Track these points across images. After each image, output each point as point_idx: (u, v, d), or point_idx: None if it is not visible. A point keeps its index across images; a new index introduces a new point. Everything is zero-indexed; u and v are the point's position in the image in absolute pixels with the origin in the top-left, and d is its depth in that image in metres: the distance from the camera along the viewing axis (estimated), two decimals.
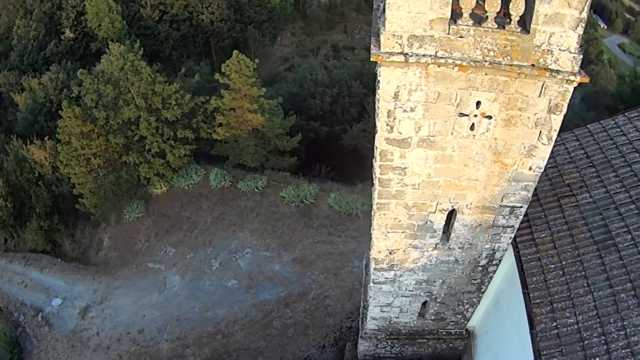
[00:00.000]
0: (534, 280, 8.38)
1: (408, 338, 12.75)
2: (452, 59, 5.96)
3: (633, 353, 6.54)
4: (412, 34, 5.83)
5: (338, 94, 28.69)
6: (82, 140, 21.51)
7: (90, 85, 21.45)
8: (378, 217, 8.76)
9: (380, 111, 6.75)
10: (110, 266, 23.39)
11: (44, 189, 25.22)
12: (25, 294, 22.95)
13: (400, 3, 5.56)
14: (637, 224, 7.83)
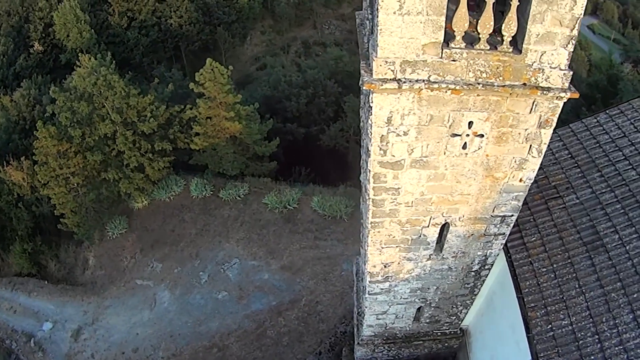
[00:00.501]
0: (527, 285, 8.60)
1: (404, 341, 12.92)
2: (446, 82, 5.98)
3: (626, 350, 6.83)
4: (404, 59, 5.80)
5: (313, 95, 28.59)
6: (59, 159, 20.98)
7: (63, 103, 20.86)
8: (372, 235, 8.79)
9: (374, 136, 6.72)
10: (98, 285, 22.91)
11: (24, 211, 24.58)
12: (15, 320, 22.39)
13: (392, 29, 5.49)
14: (624, 224, 8.12)
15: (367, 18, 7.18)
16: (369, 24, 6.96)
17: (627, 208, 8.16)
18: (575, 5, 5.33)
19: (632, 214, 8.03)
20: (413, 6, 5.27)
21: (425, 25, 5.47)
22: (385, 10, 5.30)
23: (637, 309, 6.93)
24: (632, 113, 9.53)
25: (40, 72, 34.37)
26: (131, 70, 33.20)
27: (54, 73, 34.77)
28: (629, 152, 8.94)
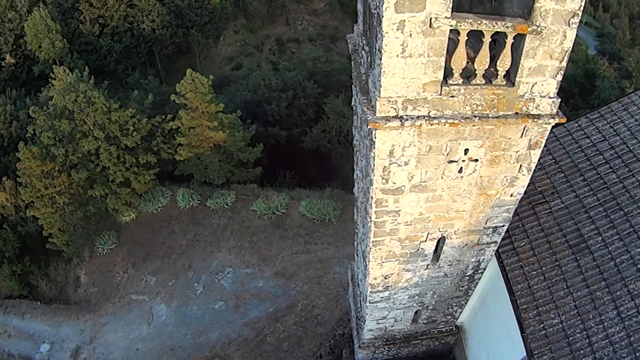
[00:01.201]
0: (519, 288, 9.19)
1: (403, 341, 13.50)
2: (444, 117, 6.39)
3: (611, 342, 7.49)
4: (406, 97, 6.17)
5: (293, 97, 28.73)
6: (44, 180, 20.63)
7: (44, 122, 20.46)
8: (374, 252, 9.20)
9: (376, 167, 7.10)
10: (92, 303, 22.63)
11: (9, 232, 24.12)
12: (10, 344, 21.92)
13: (395, 70, 5.83)
14: (606, 226, 8.76)
15: (363, 48, 7.49)
16: (365, 55, 7.27)
17: (609, 211, 8.80)
18: (565, 40, 5.78)
19: (613, 216, 8.67)
20: (415, 49, 5.62)
21: (426, 66, 5.85)
22: (388, 53, 5.63)
23: (621, 305, 7.59)
24: (611, 117, 10.17)
25: (14, 85, 33.47)
26: (106, 78, 32.67)
27: (28, 85, 33.94)
28: (609, 156, 9.57)
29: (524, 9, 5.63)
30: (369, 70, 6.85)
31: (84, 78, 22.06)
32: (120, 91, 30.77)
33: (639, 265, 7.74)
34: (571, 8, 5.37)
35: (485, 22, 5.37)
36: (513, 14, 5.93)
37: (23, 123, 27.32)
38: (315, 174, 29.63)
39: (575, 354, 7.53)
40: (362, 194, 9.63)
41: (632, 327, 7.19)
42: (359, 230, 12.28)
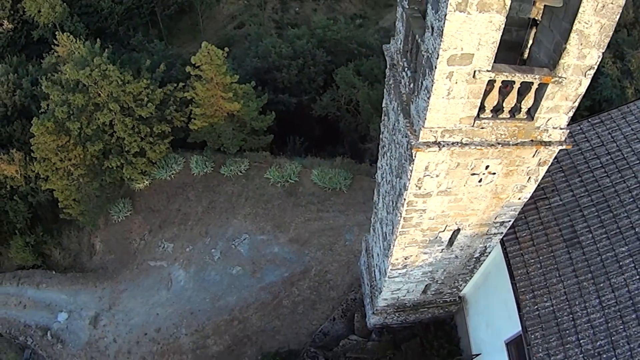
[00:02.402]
0: (519, 273, 10.68)
1: (412, 309, 15.29)
2: (474, 144, 7.56)
3: (592, 326, 9.10)
4: (445, 128, 7.31)
5: (303, 65, 29.09)
6: (59, 154, 20.94)
7: (58, 98, 20.66)
8: (399, 239, 10.60)
9: (412, 178, 8.31)
10: (109, 270, 23.19)
11: (20, 203, 24.14)
12: (26, 314, 21.95)
13: (439, 108, 6.94)
14: (597, 225, 10.16)
15: (404, 69, 8.44)
16: (407, 79, 8.22)
17: (600, 211, 10.16)
18: (580, 87, 6.86)
19: (603, 217, 10.05)
20: (458, 93, 6.70)
21: (464, 105, 6.94)
22: (436, 96, 6.70)
23: (603, 296, 9.13)
24: (610, 123, 11.29)
25: (13, 51, 32.91)
26: (107, 40, 32.40)
27: (27, 50, 33.48)
28: (605, 161, 10.80)
29: (550, 60, 6.68)
30: (411, 96, 7.89)
31: (96, 50, 22.18)
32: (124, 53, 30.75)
33: (621, 262, 9.19)
34: (590, 63, 6.43)
35: (518, 74, 6.43)
36: (539, 60, 6.97)
37: (27, 91, 27.16)
38: (323, 140, 30.60)
39: (562, 333, 9.15)
40: (390, 186, 10.86)
41: (611, 315, 8.75)
42: (378, 211, 13.65)
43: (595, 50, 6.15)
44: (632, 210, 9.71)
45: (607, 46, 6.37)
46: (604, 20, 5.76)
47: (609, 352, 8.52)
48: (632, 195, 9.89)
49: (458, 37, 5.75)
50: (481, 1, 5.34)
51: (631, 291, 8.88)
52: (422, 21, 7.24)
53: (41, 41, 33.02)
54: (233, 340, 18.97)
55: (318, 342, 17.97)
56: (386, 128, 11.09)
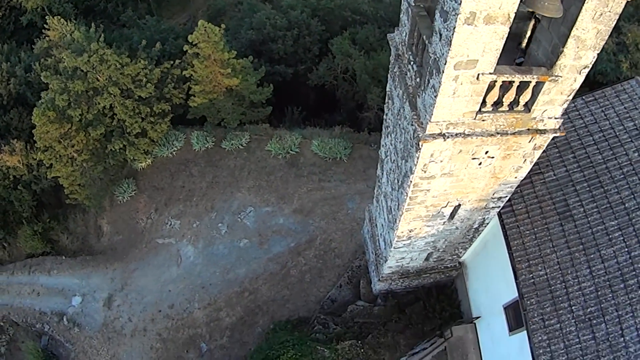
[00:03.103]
0: (515, 243, 11.51)
1: (415, 275, 16.31)
2: (475, 134, 8.13)
3: (583, 294, 10.02)
4: (449, 122, 7.86)
5: (298, 35, 28.84)
6: (62, 141, 21.05)
7: (57, 87, 20.54)
8: (405, 215, 11.34)
9: (419, 163, 8.92)
10: (118, 251, 23.49)
11: (24, 192, 24.06)
12: (40, 302, 22.17)
13: (445, 105, 7.47)
14: (588, 199, 10.90)
15: (409, 62, 8.82)
16: (413, 72, 8.59)
17: (592, 187, 10.87)
18: (574, 83, 7.38)
19: (595, 192, 10.77)
20: (463, 92, 7.20)
21: (468, 102, 7.46)
22: (442, 95, 7.20)
23: (593, 266, 10.00)
24: (604, 101, 11.80)
25: (2, 39, 31.96)
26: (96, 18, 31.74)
27: (17, 35, 32.60)
28: (598, 138, 11.40)
29: (547, 60, 7.15)
30: (418, 90, 8.35)
31: (90, 34, 21.89)
32: (112, 30, 30.18)
33: (610, 235, 10.00)
34: (585, 63, 6.91)
35: (518, 75, 6.92)
36: (538, 58, 7.43)
37: (21, 79, 26.65)
38: (320, 109, 30.82)
39: (555, 300, 10.09)
40: (395, 165, 11.46)
41: (600, 284, 9.65)
42: (382, 185, 14.31)
43: (591, 52, 6.62)
44: (622, 186, 10.42)
45: None
46: (601, 27, 6.20)
47: (599, 319, 9.47)
48: (622, 172, 10.57)
49: (465, 46, 6.19)
50: (487, 15, 5.75)
51: (620, 262, 9.74)
52: (428, 21, 7.61)
53: (30, 26, 32.21)
54: (245, 311, 20.02)
55: (326, 308, 19.13)
56: (390, 111, 11.55)
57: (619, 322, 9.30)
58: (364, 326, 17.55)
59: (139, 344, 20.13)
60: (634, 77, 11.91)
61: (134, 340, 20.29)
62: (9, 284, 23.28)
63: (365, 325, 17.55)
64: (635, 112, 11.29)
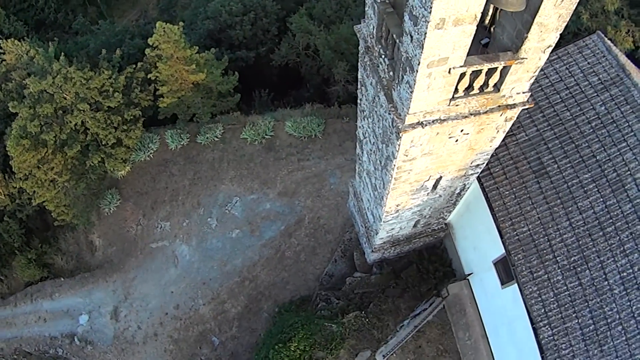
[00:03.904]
0: (497, 204, 12.22)
1: (405, 241, 17.11)
2: (450, 118, 8.59)
3: (566, 245, 10.89)
4: (426, 111, 8.27)
5: (255, 18, 28.30)
6: (41, 167, 20.79)
7: (27, 114, 20.01)
8: (391, 193, 11.89)
9: (400, 150, 9.37)
10: (115, 262, 23.53)
11: (11, 222, 24.05)
12: (49, 327, 22.24)
13: (420, 98, 7.87)
14: (561, 156, 11.61)
15: (380, 56, 9.07)
16: (386, 66, 8.84)
17: (563, 143, 11.56)
18: (539, 60, 7.83)
19: (566, 148, 11.47)
20: (436, 85, 7.58)
21: (441, 92, 7.86)
22: (418, 90, 7.57)
23: (572, 218, 10.84)
24: (567, 59, 12.30)
25: None
26: (49, 31, 30.40)
27: None
28: (564, 96, 11.99)
29: (512, 44, 7.55)
30: (392, 83, 8.67)
31: (49, 54, 21.07)
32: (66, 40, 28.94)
33: (585, 188, 10.80)
34: (548, 43, 7.34)
35: (486, 64, 7.31)
36: (503, 41, 7.81)
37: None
38: (287, 87, 30.73)
39: (540, 253, 10.95)
40: (375, 147, 11.87)
41: (581, 234, 10.51)
42: (363, 163, 14.74)
43: (554, 33, 7.03)
44: (592, 140, 11.14)
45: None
46: (563, 11, 6.58)
47: (583, 266, 10.39)
48: (591, 126, 11.27)
49: (436, 47, 6.52)
50: (456, 18, 6.06)
51: (596, 212, 10.58)
52: (396, 18, 7.85)
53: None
54: (248, 299, 20.62)
55: (325, 284, 19.91)
56: (364, 97, 11.83)
57: (601, 267, 10.23)
58: (364, 296, 18.43)
59: (152, 349, 20.57)
60: (595, 32, 12.40)
61: (147, 346, 20.71)
62: (14, 316, 23.17)
63: (366, 295, 18.43)
64: (598, 66, 11.85)
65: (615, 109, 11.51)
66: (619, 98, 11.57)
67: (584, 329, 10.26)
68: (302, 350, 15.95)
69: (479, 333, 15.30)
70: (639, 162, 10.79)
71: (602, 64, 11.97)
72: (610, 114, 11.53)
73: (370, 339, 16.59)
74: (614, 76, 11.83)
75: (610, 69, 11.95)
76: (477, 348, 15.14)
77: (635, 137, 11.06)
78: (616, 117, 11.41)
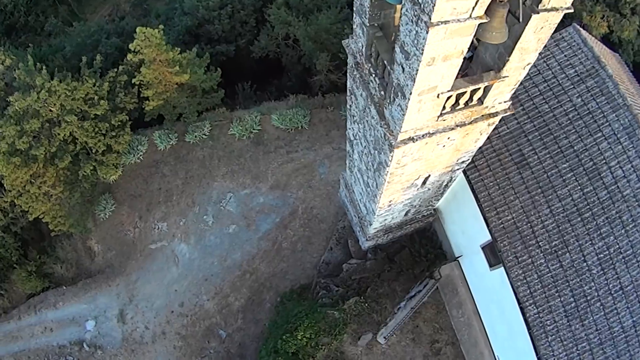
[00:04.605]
0: (482, 195, 13.12)
1: (397, 228, 18.05)
2: (438, 132, 9.30)
3: (547, 230, 11.89)
4: (417, 128, 8.96)
5: (232, 11, 28.10)
6: (34, 182, 20.73)
7: (14, 131, 19.80)
8: (384, 192, 12.64)
9: (393, 161, 10.07)
10: (115, 266, 23.61)
11: (6, 237, 23.89)
12: (56, 336, 22.34)
13: (412, 119, 8.53)
14: (540, 147, 12.47)
15: (371, 74, 9.59)
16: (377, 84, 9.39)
17: (543, 135, 12.40)
18: (520, 76, 8.53)
19: (545, 139, 12.31)
20: (426, 107, 8.23)
21: (430, 112, 8.52)
22: (410, 113, 8.22)
23: (552, 205, 11.80)
24: (545, 51, 12.86)
25: None
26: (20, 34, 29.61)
27: None
28: (543, 89, 12.73)
29: (494, 64, 8.21)
30: (383, 102, 9.27)
31: (29, 67, 20.70)
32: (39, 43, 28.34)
33: (564, 177, 11.70)
34: (528, 61, 8.03)
35: (472, 86, 7.99)
36: (485, 60, 8.46)
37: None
38: (269, 78, 30.87)
39: (524, 239, 11.94)
40: (367, 150, 12.47)
41: (560, 220, 11.49)
42: (354, 160, 15.37)
43: (533, 53, 7.70)
44: (569, 131, 11.98)
45: None
46: (542, 35, 7.24)
47: (563, 249, 11.41)
48: (568, 117, 12.10)
49: (427, 79, 7.14)
50: (445, 55, 6.67)
51: (574, 199, 11.55)
52: (385, 43, 8.39)
53: None
54: (250, 291, 21.47)
55: (323, 272, 20.86)
56: (354, 105, 12.37)
57: (580, 250, 11.28)
58: (361, 281, 19.45)
59: (161, 347, 21.29)
60: (571, 24, 13.03)
61: (157, 345, 21.40)
62: (19, 329, 23.23)
63: (363, 280, 19.46)
64: (575, 58, 12.57)
65: (591, 100, 12.33)
66: (595, 90, 12.37)
67: (566, 306, 11.38)
68: (309, 338, 16.97)
69: (471, 310, 16.51)
70: (613, 151, 11.72)
71: (578, 57, 12.69)
72: (586, 105, 12.36)
73: (371, 322, 17.70)
74: (589, 68, 12.59)
75: (586, 61, 12.69)
76: (470, 324, 16.37)
77: (610, 127, 11.94)
78: (592, 108, 12.25)
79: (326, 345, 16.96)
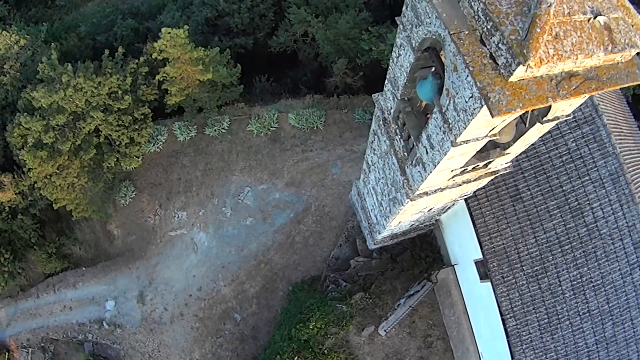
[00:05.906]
0: (478, 221, 15.10)
1: (402, 235, 20.20)
2: (448, 187, 11.27)
3: (531, 257, 13.99)
4: (433, 187, 10.92)
5: (252, 4, 28.97)
6: (60, 173, 21.86)
7: (41, 127, 20.83)
8: (397, 218, 14.68)
9: (407, 204, 12.04)
10: (135, 251, 25.12)
11: (25, 219, 24.66)
12: (75, 315, 23.58)
13: (431, 180, 10.39)
14: (534, 184, 14.29)
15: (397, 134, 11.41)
16: (402, 144, 11.21)
17: (537, 173, 14.26)
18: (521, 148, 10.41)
19: (539, 178, 14.19)
20: (442, 175, 10.17)
21: (444, 177, 10.46)
22: (428, 180, 10.15)
23: (538, 236, 13.85)
24: None
25: None
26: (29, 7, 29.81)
27: None
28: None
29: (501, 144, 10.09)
30: (406, 161, 11.15)
31: (53, 60, 21.51)
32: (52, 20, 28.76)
33: (551, 212, 13.67)
34: (530, 142, 9.90)
35: (480, 162, 9.90)
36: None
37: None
38: (286, 72, 32.06)
39: (511, 262, 14.06)
40: (384, 181, 14.34)
41: (543, 249, 13.59)
42: (369, 181, 17.24)
43: (535, 138, 9.57)
44: (561, 172, 13.85)
45: None
46: (543, 130, 9.07)
47: (543, 274, 13.60)
48: (562, 160, 13.94)
49: (445, 165, 9.05)
50: (463, 153, 8.56)
51: (558, 233, 13.61)
52: (414, 119, 10.20)
53: None
54: (265, 280, 23.75)
55: (332, 266, 23.16)
56: (376, 143, 14.11)
57: (557, 276, 13.47)
58: (366, 278, 21.79)
59: (179, 327, 23.51)
60: None
61: (175, 325, 23.48)
62: (37, 307, 24.49)
63: (368, 277, 21.79)
64: None
65: (584, 145, 14.10)
66: (589, 136, 14.11)
67: (540, 321, 13.70)
68: (319, 327, 19.43)
69: (461, 311, 18.93)
70: (597, 194, 13.68)
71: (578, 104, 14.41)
72: (579, 150, 14.15)
73: (374, 315, 20.13)
74: (587, 115, 14.28)
75: (585, 108, 14.38)
76: (459, 323, 18.84)
77: (597, 172, 13.81)
78: (584, 153, 14.04)
79: (334, 335, 19.45)
